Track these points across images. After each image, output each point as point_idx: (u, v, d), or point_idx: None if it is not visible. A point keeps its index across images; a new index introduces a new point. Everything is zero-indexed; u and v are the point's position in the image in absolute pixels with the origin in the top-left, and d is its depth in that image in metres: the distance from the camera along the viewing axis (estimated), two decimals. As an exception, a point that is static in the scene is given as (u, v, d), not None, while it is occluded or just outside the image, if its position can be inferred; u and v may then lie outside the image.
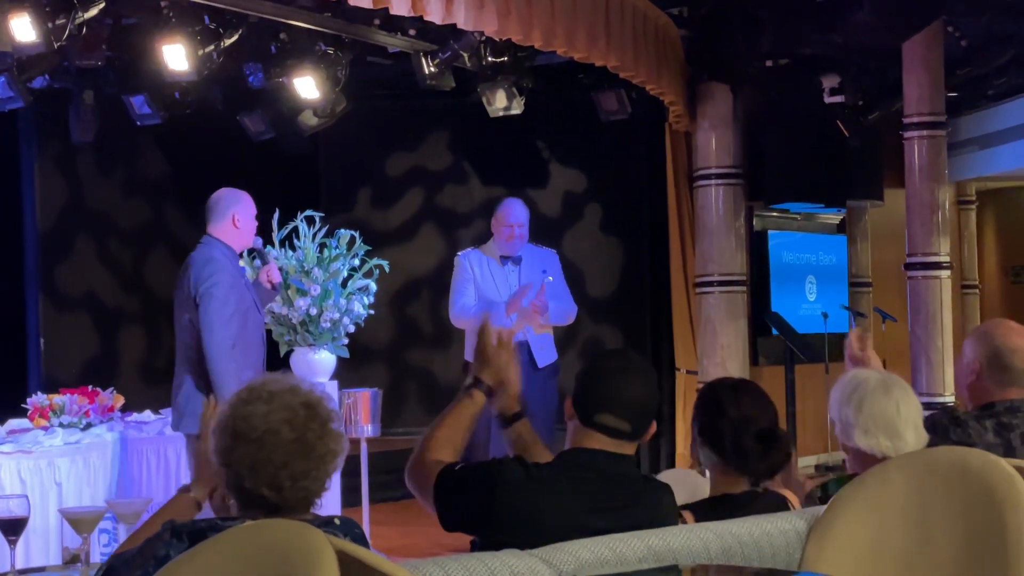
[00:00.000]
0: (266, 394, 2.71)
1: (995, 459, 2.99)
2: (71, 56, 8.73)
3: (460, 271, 7.63)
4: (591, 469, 3.17)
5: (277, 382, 2.75)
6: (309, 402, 2.72)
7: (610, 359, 3.40)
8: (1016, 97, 12.07)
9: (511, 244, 7.52)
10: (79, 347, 11.23)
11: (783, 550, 3.10)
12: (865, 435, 3.61)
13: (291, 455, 2.66)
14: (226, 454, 2.69)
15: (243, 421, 2.68)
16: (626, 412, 3.20)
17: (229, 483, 2.71)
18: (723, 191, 10.84)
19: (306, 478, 2.68)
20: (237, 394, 2.75)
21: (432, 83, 9.15)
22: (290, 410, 2.69)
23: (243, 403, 2.71)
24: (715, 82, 10.71)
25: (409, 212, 12.34)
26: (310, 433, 2.69)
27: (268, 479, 2.65)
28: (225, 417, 2.72)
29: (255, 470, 2.65)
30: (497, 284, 7.53)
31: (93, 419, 6.74)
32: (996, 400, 4.07)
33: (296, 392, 2.73)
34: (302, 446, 2.67)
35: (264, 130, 10.78)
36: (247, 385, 2.76)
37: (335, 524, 2.77)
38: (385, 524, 8.73)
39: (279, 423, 2.67)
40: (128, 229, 11.75)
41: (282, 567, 2.16)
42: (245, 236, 6.34)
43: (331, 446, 2.73)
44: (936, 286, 9.90)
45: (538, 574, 2.69)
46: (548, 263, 7.71)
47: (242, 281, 6.24)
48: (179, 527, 2.67)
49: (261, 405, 2.69)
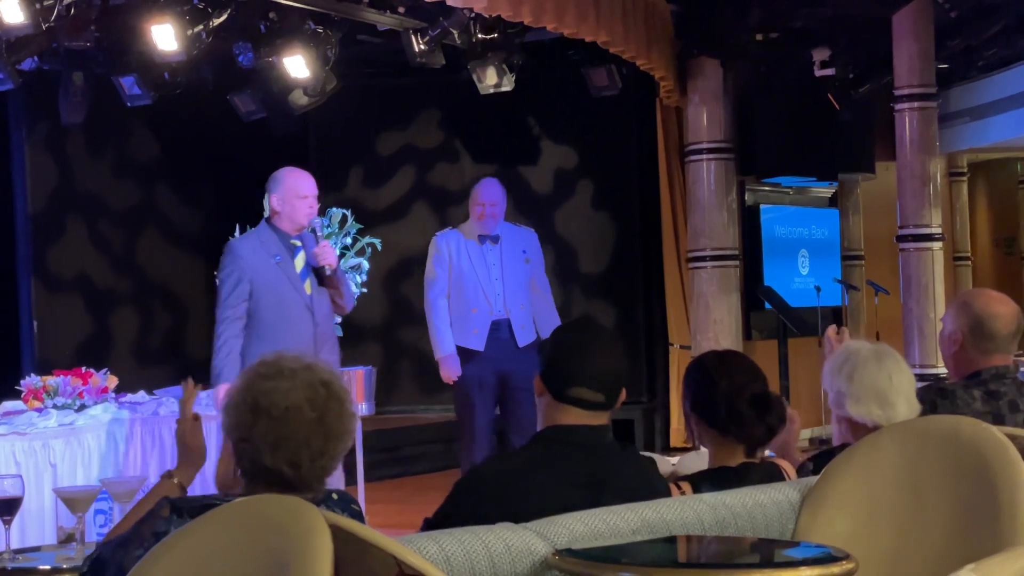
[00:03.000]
0: (287, 371, 2.68)
1: (986, 427, 3.00)
2: (60, 37, 8.70)
3: (435, 253, 7.60)
4: (571, 444, 3.17)
5: (294, 359, 2.72)
6: (326, 381, 2.70)
7: (575, 331, 3.38)
8: (1007, 68, 12.06)
9: (483, 223, 7.52)
10: (72, 329, 11.23)
11: (776, 520, 3.11)
12: (856, 403, 3.63)
13: (312, 433, 2.64)
14: (246, 429, 2.66)
15: (265, 397, 2.65)
16: (599, 383, 3.20)
17: (245, 458, 2.69)
18: (715, 166, 10.84)
19: (323, 456, 2.67)
20: (254, 369, 2.71)
21: (422, 61, 9.13)
22: (311, 388, 2.66)
23: (263, 378, 2.68)
24: (705, 57, 10.70)
25: (401, 191, 12.34)
26: (330, 413, 2.67)
27: (289, 456, 2.64)
28: (243, 393, 2.68)
29: (277, 447, 2.63)
30: (474, 264, 7.52)
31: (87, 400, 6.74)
32: (982, 368, 4.08)
33: (314, 370, 2.71)
34: (323, 425, 2.65)
35: (254, 110, 10.75)
36: (263, 360, 2.73)
37: (333, 499, 2.77)
38: (380, 502, 8.75)
39: (301, 401, 2.64)
40: (119, 210, 11.73)
41: (276, 542, 2.17)
42: (290, 217, 6.31)
43: (348, 426, 2.71)
44: (928, 258, 9.92)
45: (533, 547, 2.70)
46: (527, 243, 7.70)
47: (275, 265, 6.24)
48: (179, 504, 2.67)
49: (283, 381, 2.66)
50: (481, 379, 7.39)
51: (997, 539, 2.77)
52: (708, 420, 3.70)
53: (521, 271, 7.58)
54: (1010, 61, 11.91)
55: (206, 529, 2.33)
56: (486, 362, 7.38)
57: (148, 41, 8.47)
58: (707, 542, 2.88)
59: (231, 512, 2.38)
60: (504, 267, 7.57)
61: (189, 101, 10.58)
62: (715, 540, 2.90)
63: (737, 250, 11.11)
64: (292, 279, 6.26)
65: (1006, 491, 2.83)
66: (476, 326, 7.41)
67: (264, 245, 6.28)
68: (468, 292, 7.44)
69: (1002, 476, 2.86)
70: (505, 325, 7.45)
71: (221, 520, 2.34)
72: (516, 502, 3.01)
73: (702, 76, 10.79)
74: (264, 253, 6.25)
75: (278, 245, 6.28)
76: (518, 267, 7.57)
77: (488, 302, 7.41)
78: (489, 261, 7.54)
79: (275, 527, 2.20)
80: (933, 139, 10.07)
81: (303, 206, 6.31)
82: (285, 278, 6.23)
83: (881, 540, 2.99)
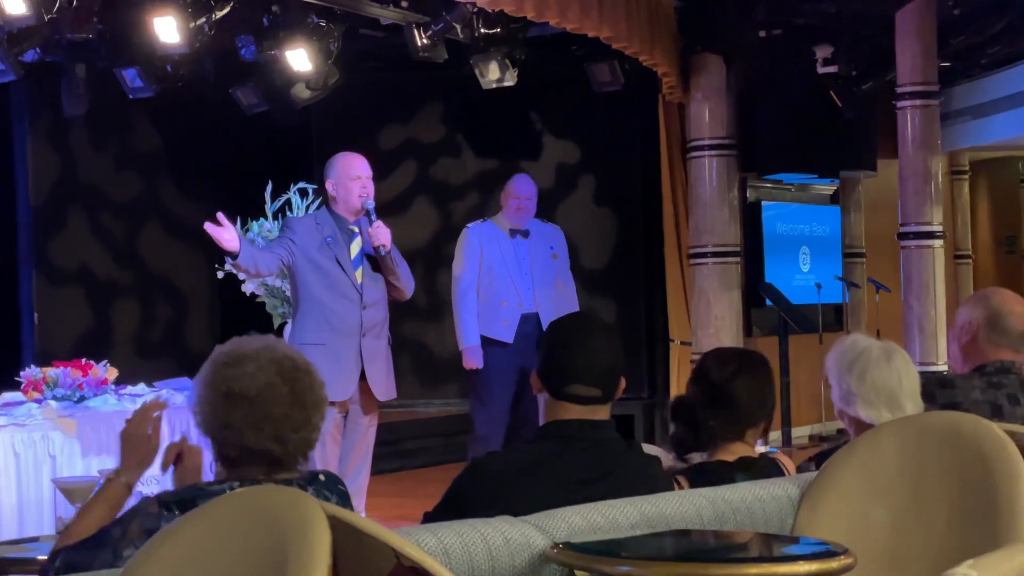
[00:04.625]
0: (251, 352, 2.74)
1: (986, 423, 3.00)
2: (62, 29, 8.69)
3: (467, 245, 7.70)
4: (572, 440, 3.19)
5: (250, 342, 2.78)
6: (288, 355, 2.76)
7: (570, 327, 3.38)
8: (1010, 66, 12.04)
9: (518, 217, 7.65)
10: (73, 321, 11.23)
11: (776, 515, 3.11)
12: (867, 407, 3.62)
13: (290, 407, 2.71)
14: (224, 416, 2.70)
15: (236, 382, 2.70)
16: (593, 377, 3.21)
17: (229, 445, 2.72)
18: (716, 162, 10.83)
19: (306, 427, 2.73)
20: (216, 361, 2.76)
21: (425, 55, 9.12)
22: (277, 364, 2.72)
23: (228, 366, 2.73)
24: (708, 53, 10.69)
25: (402, 185, 12.32)
26: (300, 384, 2.73)
27: (272, 433, 2.69)
28: (212, 384, 2.73)
29: (259, 427, 2.69)
30: (505, 257, 7.64)
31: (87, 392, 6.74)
32: (989, 361, 4.11)
33: (273, 348, 2.76)
34: (297, 396, 2.71)
35: (257, 103, 10.75)
36: (222, 351, 2.77)
37: (320, 480, 2.80)
38: (380, 495, 8.75)
39: (272, 377, 2.70)
40: (121, 203, 11.73)
41: (273, 533, 2.17)
42: (344, 200, 6.47)
43: (319, 393, 2.77)
44: (929, 255, 9.91)
45: (531, 541, 2.70)
46: (555, 240, 7.84)
47: (326, 246, 6.38)
48: (166, 498, 2.68)
49: (248, 364, 2.71)
50: (504, 371, 7.46)
51: (996, 535, 2.77)
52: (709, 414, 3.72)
53: (549, 267, 7.69)
54: (1013, 59, 11.89)
55: (203, 521, 2.33)
56: (512, 355, 7.46)
57: (150, 33, 8.47)
58: (706, 536, 2.89)
59: (228, 503, 2.38)
60: (534, 262, 7.67)
61: (191, 94, 10.58)
62: (714, 535, 2.90)
63: (738, 247, 11.10)
64: (343, 261, 6.38)
65: (1005, 487, 2.83)
66: (506, 318, 7.50)
67: (319, 227, 6.43)
68: (498, 285, 7.54)
69: (1001, 472, 2.86)
70: (533, 319, 7.55)
71: (218, 512, 2.34)
72: (516, 497, 3.01)
73: (705, 72, 10.78)
74: (317, 234, 6.39)
75: (333, 228, 6.43)
76: (547, 262, 7.68)
77: (518, 295, 7.50)
78: (519, 255, 7.65)
79: (273, 518, 2.20)
80: (935, 137, 10.06)
81: (355, 187, 6.45)
82: (334, 259, 6.36)
83: (880, 535, 2.99)
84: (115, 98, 10.15)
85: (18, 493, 6.11)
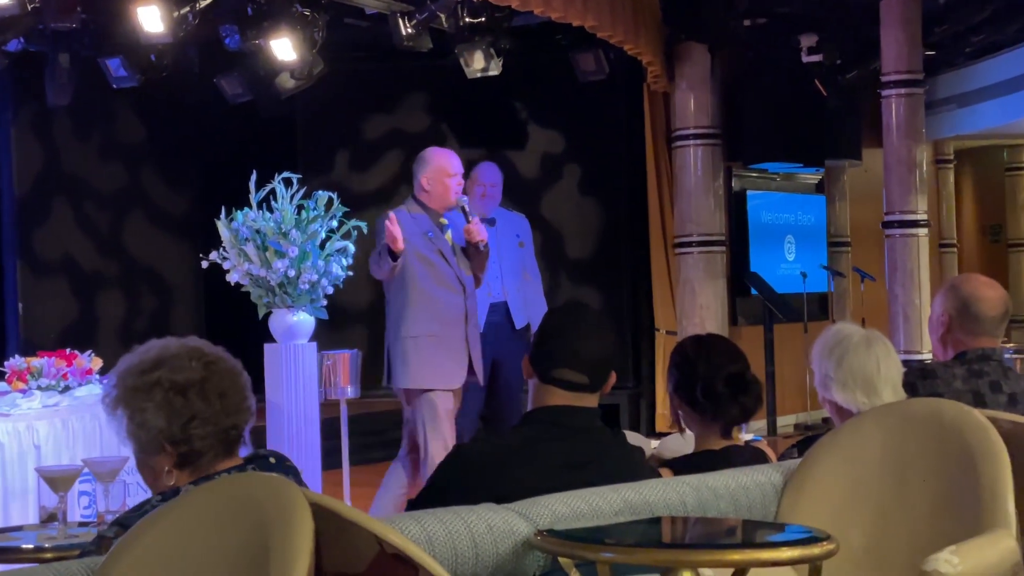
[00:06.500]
0: (170, 350, 2.75)
1: (968, 410, 3.01)
2: (46, 18, 8.67)
3: None
4: (557, 425, 3.20)
5: (154, 343, 2.79)
6: (184, 344, 2.78)
7: (563, 314, 3.43)
8: (994, 55, 12.07)
9: (484, 203, 7.57)
10: (58, 311, 11.21)
11: (759, 502, 3.12)
12: (843, 389, 3.65)
13: (231, 381, 2.75)
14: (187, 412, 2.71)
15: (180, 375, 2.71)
16: (582, 365, 3.23)
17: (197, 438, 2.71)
18: (702, 151, 10.85)
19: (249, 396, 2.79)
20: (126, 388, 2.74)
21: (409, 44, 9.11)
22: (196, 350, 2.75)
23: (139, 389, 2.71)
24: (693, 42, 10.70)
25: (387, 174, 12.30)
26: (223, 359, 2.77)
27: (234, 406, 2.74)
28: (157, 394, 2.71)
29: (224, 406, 2.73)
30: None
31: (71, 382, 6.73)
32: (968, 349, 4.11)
33: (182, 340, 2.80)
34: (217, 372, 2.74)
35: (241, 92, 10.73)
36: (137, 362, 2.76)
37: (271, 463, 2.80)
38: (366, 485, 8.74)
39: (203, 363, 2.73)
40: (105, 193, 11.70)
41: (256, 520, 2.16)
42: (438, 196, 6.57)
43: (233, 362, 2.80)
44: (914, 244, 9.94)
45: (514, 528, 2.70)
46: (520, 228, 7.75)
47: (427, 240, 6.50)
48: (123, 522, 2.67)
49: (179, 360, 2.73)
50: None
51: (978, 521, 2.78)
52: (688, 402, 3.73)
53: (516, 255, 7.63)
54: (997, 48, 11.92)
55: (184, 510, 2.33)
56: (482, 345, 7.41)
57: (134, 23, 8.44)
58: (689, 523, 2.89)
59: (210, 492, 2.38)
60: (501, 250, 7.61)
61: (175, 84, 10.56)
62: (697, 521, 2.91)
63: (723, 236, 11.12)
64: (445, 253, 6.54)
65: (987, 474, 2.84)
66: None
67: (416, 220, 6.54)
68: None
69: (983, 459, 2.87)
70: (502, 308, 7.52)
71: (200, 500, 2.34)
72: (500, 482, 3.02)
73: (689, 62, 10.79)
74: (416, 227, 6.51)
75: (427, 222, 6.54)
76: (513, 250, 7.63)
77: (487, 284, 7.45)
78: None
79: (255, 505, 2.20)
80: (919, 125, 10.07)
81: (452, 184, 6.57)
82: (438, 251, 6.51)
83: (863, 522, 3.00)
84: (99, 88, 10.12)
85: (3, 482, 6.10)
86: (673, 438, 4.36)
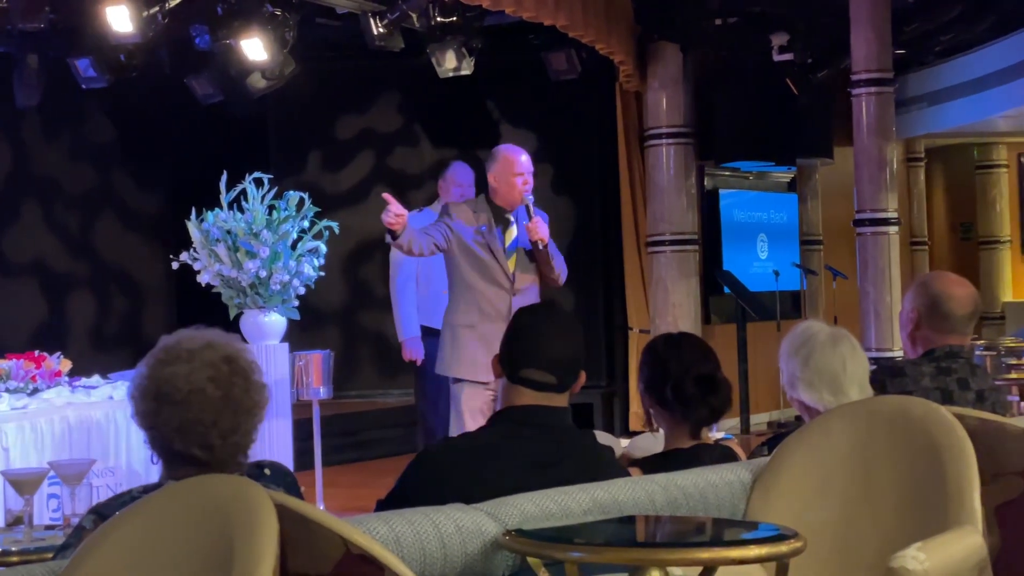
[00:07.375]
0: (185, 353, 2.64)
1: (935, 407, 3.01)
2: (13, 19, 8.61)
3: None
4: (526, 424, 3.20)
5: (193, 339, 2.68)
6: (229, 356, 2.67)
7: (531, 314, 3.44)
8: (964, 53, 12.12)
9: None
10: (27, 313, 11.15)
11: (728, 500, 3.12)
12: (809, 388, 3.65)
13: (219, 413, 2.62)
14: (151, 417, 2.63)
15: (166, 383, 2.62)
16: (550, 365, 3.23)
17: (156, 445, 2.66)
18: (674, 150, 10.86)
19: (235, 433, 2.65)
20: (154, 355, 2.67)
21: (381, 44, 9.09)
22: (212, 367, 2.63)
23: (162, 364, 2.64)
24: (665, 41, 10.72)
25: (360, 174, 12.29)
26: (235, 389, 2.65)
27: (199, 439, 2.62)
28: (144, 380, 2.65)
29: (184, 431, 2.61)
30: None
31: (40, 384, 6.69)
32: (937, 347, 4.12)
33: (215, 347, 2.67)
34: (229, 402, 2.63)
35: (212, 93, 10.68)
36: (163, 345, 2.69)
37: (266, 475, 2.76)
38: (338, 486, 8.74)
39: (203, 381, 2.62)
40: (75, 194, 11.66)
41: (221, 521, 2.15)
42: (506, 195, 6.60)
43: (256, 398, 2.69)
44: (885, 242, 9.97)
45: (483, 528, 2.69)
46: None
47: (480, 233, 6.53)
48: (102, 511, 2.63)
49: (182, 365, 2.63)
50: None
51: (945, 518, 2.79)
52: (658, 401, 3.73)
53: None
54: (967, 47, 11.97)
55: (148, 512, 2.31)
56: None
57: (103, 23, 8.40)
58: (659, 522, 2.89)
59: (173, 493, 2.36)
60: None
61: (146, 84, 10.51)
62: (667, 520, 2.91)
63: (696, 235, 11.13)
64: (495, 249, 6.53)
65: (954, 471, 2.85)
66: None
67: (476, 215, 6.57)
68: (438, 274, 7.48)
69: (950, 456, 2.87)
70: None
71: (163, 502, 2.32)
72: (469, 482, 3.01)
73: (662, 61, 10.80)
74: (474, 221, 6.54)
75: (490, 217, 6.57)
76: None
77: None
78: None
79: (220, 506, 2.18)
80: (890, 124, 10.11)
81: (518, 182, 6.59)
82: (487, 247, 6.51)
83: (831, 519, 3.00)
84: (68, 89, 10.07)
85: (-30, 486, 6.06)
86: (643, 437, 4.37)
